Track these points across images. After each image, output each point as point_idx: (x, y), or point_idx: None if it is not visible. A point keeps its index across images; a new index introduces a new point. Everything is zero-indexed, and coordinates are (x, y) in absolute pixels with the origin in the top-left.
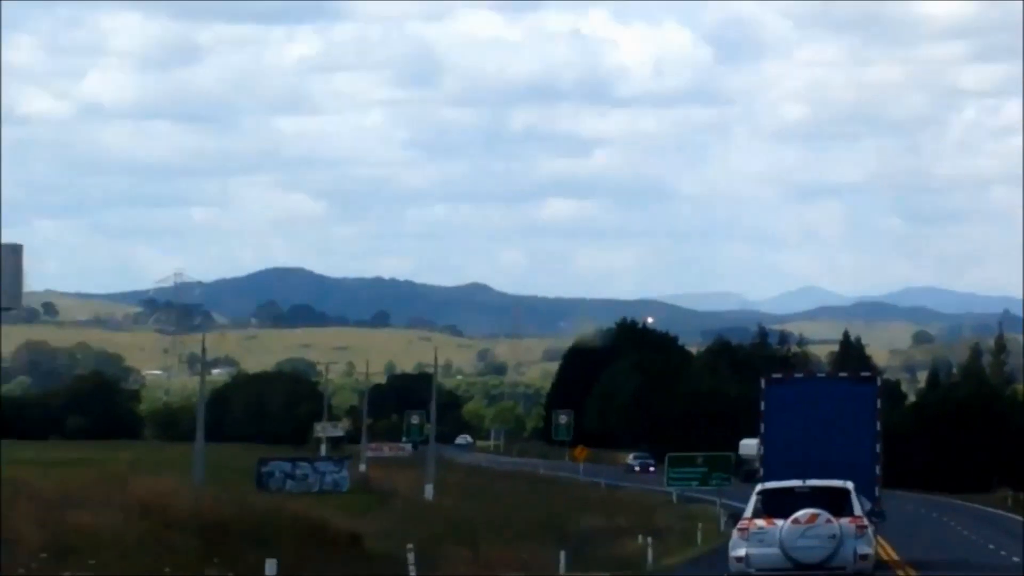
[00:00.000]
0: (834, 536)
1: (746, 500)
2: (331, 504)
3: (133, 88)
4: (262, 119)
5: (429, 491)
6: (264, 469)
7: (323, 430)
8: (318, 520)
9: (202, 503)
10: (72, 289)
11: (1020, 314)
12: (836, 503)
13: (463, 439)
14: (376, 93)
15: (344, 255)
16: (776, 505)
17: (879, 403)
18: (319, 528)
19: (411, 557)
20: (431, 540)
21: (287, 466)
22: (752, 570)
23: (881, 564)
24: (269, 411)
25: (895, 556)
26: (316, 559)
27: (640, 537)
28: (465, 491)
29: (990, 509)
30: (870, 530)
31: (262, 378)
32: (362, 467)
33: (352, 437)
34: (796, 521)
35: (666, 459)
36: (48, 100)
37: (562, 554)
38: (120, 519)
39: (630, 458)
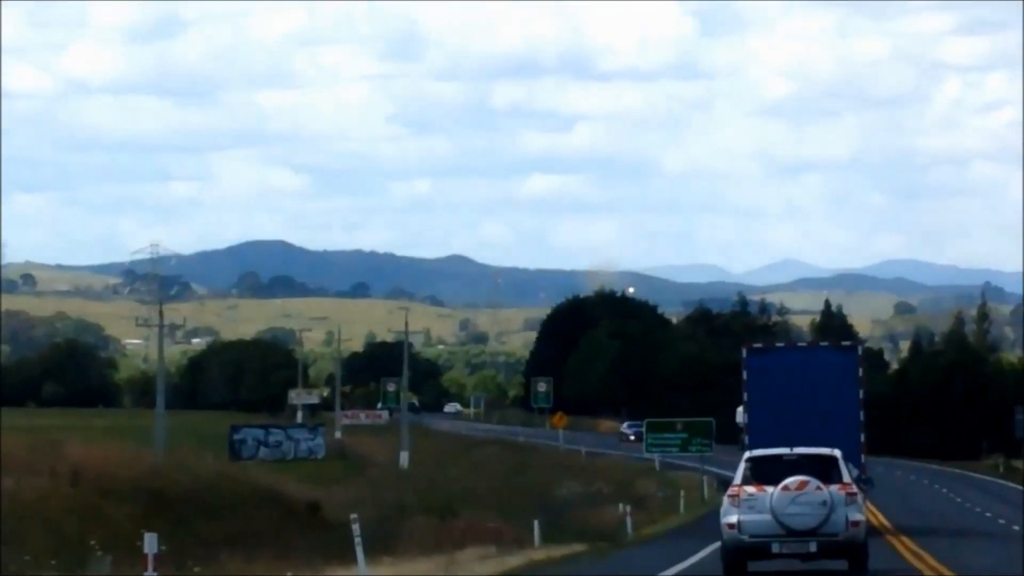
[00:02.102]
0: (824, 503)
1: (727, 467)
2: (303, 472)
3: (116, 63)
4: (245, 94)
5: (404, 458)
6: (236, 436)
7: (298, 397)
8: (274, 488)
9: (141, 470)
10: (52, 261)
11: (1002, 286)
12: (824, 470)
13: (452, 407)
14: (359, 68)
15: (325, 228)
16: (765, 472)
17: (861, 371)
18: (275, 497)
19: (356, 528)
20: (400, 509)
21: (260, 433)
22: (745, 537)
23: (873, 531)
24: (245, 379)
25: (886, 523)
26: (267, 528)
27: (620, 506)
28: (442, 459)
29: (981, 475)
30: (860, 497)
31: (238, 346)
32: (337, 434)
33: (329, 405)
34: (786, 488)
35: (644, 425)
36: (30, 74)
37: (536, 524)
38: (48, 486)
39: (623, 427)
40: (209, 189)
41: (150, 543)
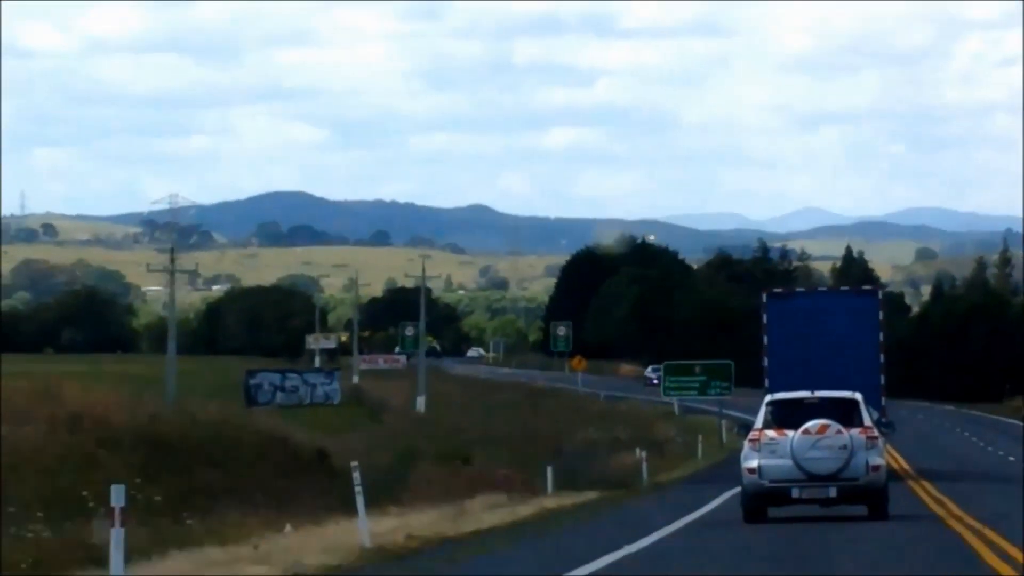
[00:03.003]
0: (845, 447)
1: (747, 411)
2: (318, 417)
3: (136, 21)
4: (265, 52)
5: (421, 403)
6: (252, 381)
7: (315, 342)
8: (282, 435)
9: (142, 417)
10: (72, 212)
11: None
12: (845, 414)
13: (475, 351)
14: (379, 27)
15: (345, 180)
16: (786, 416)
17: (882, 315)
18: (281, 444)
19: (356, 476)
20: (411, 456)
21: (276, 378)
22: (766, 482)
23: (894, 476)
24: (263, 325)
25: (907, 467)
26: (272, 477)
27: (637, 451)
28: (459, 404)
29: (1003, 419)
30: (880, 441)
31: (257, 292)
32: (355, 379)
33: (347, 350)
34: (806, 432)
35: (662, 368)
36: (51, 33)
37: (549, 471)
38: (44, 432)
39: (647, 371)
40: (229, 143)
41: (116, 495)
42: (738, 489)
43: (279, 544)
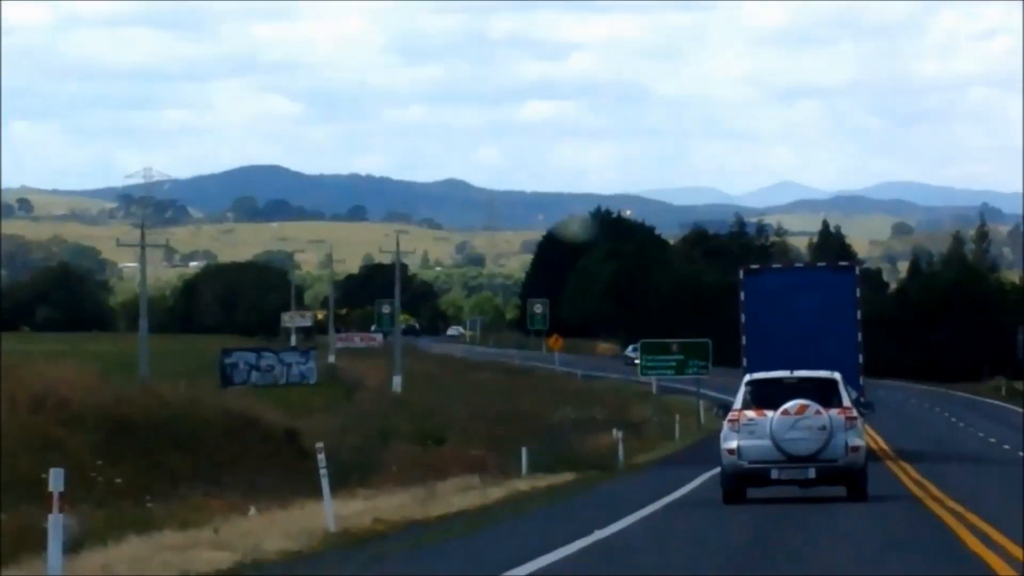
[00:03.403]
0: (824, 427)
1: (727, 391)
2: (293, 397)
3: None
4: (241, 25)
5: (397, 383)
6: (227, 360)
7: (291, 320)
8: (251, 416)
9: (106, 397)
10: (48, 186)
11: (999, 207)
12: (824, 394)
13: (455, 330)
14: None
15: (320, 153)
16: (765, 396)
17: (859, 292)
18: (250, 424)
19: (321, 458)
20: (383, 436)
21: (251, 357)
22: (745, 463)
23: (873, 456)
24: (240, 302)
25: (886, 448)
26: (240, 459)
27: (614, 431)
28: (436, 383)
29: (982, 398)
30: (859, 422)
31: (233, 269)
32: (331, 358)
33: (324, 327)
34: (785, 412)
35: (639, 346)
36: (28, 7)
37: (524, 452)
38: (5, 413)
39: (628, 350)
40: (205, 116)
41: (55, 480)
42: (714, 471)
43: (241, 528)
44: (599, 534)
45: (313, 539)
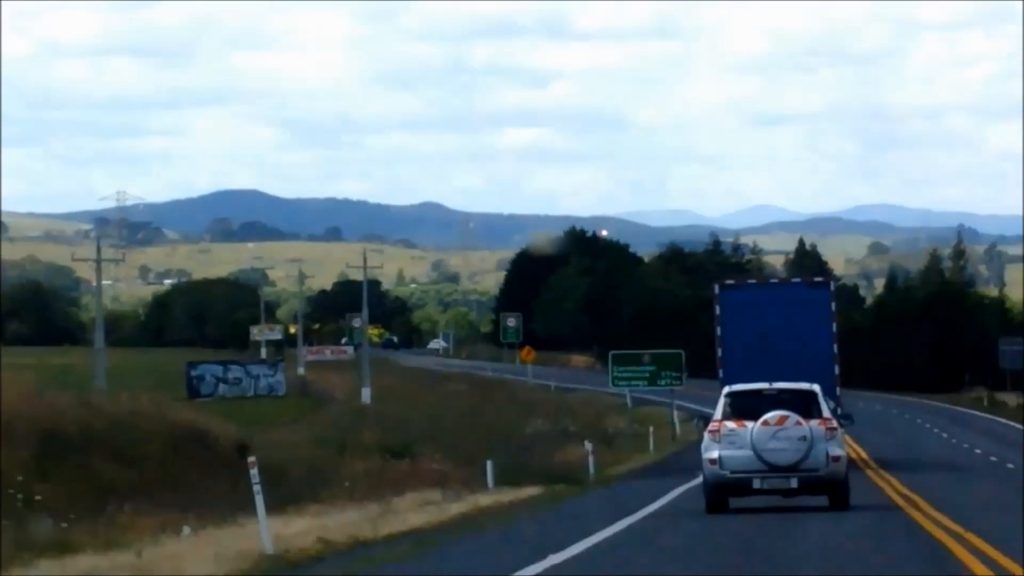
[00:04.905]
0: (804, 438)
1: (702, 403)
2: (260, 409)
3: (92, 24)
4: (221, 54)
5: (367, 395)
6: (194, 373)
7: (260, 333)
8: (198, 428)
9: (38, 409)
10: (24, 209)
11: (975, 228)
12: (804, 405)
13: (437, 343)
14: (335, 29)
15: (298, 179)
16: (744, 407)
17: (834, 306)
18: (198, 438)
19: (254, 474)
20: (341, 450)
21: (218, 370)
22: (727, 472)
23: (855, 466)
24: (210, 317)
25: (867, 458)
26: (183, 474)
27: (585, 443)
28: (406, 395)
29: (963, 409)
30: (840, 432)
31: (204, 285)
32: (300, 370)
33: (295, 341)
34: (766, 423)
35: (609, 357)
36: (6, 37)
37: (489, 466)
38: None
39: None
40: (183, 143)
41: None
42: (688, 484)
43: (168, 550)
44: (553, 559)
45: (244, 562)
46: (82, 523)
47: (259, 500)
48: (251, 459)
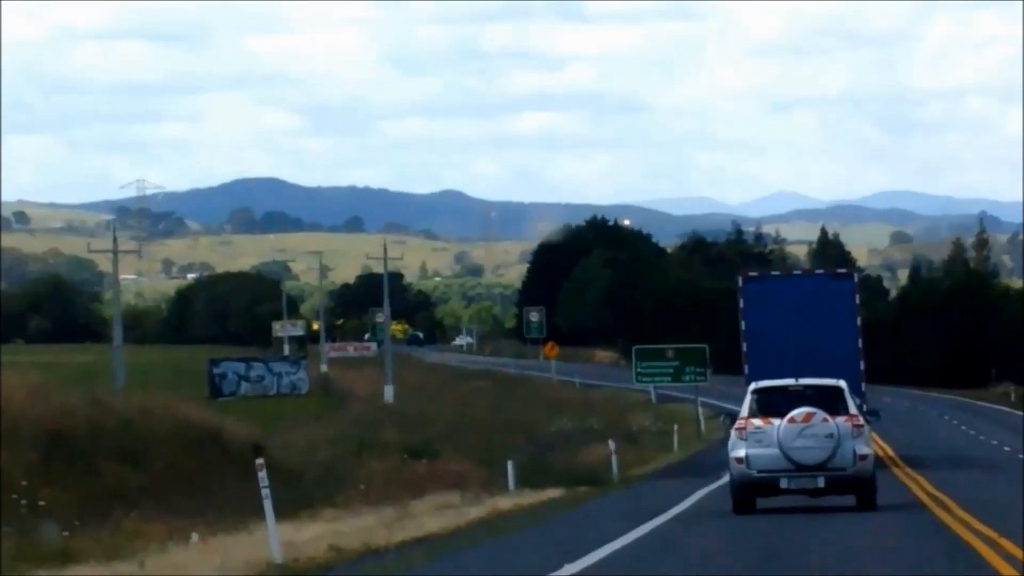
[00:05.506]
0: (831, 435)
1: (729, 400)
2: (283, 408)
3: (106, 9)
4: (236, 38)
5: (389, 393)
6: (216, 371)
7: (282, 329)
8: (212, 428)
9: (44, 409)
10: (44, 199)
11: (998, 216)
12: (830, 401)
13: (463, 339)
14: (350, 12)
15: (318, 166)
16: (771, 404)
17: (858, 298)
18: (211, 438)
19: (262, 476)
20: (359, 450)
21: (240, 367)
22: (754, 472)
23: (881, 464)
24: (232, 312)
25: (895, 456)
26: (195, 476)
27: (609, 443)
28: (430, 392)
29: (991, 405)
30: (866, 429)
31: (226, 279)
32: (323, 367)
33: (318, 337)
34: (792, 420)
35: (632, 352)
36: (21, 22)
37: (510, 466)
38: None
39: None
40: (201, 129)
41: None
42: (713, 485)
43: (172, 559)
44: (569, 568)
45: (250, 572)
46: (88, 529)
47: (268, 505)
48: (259, 461)
